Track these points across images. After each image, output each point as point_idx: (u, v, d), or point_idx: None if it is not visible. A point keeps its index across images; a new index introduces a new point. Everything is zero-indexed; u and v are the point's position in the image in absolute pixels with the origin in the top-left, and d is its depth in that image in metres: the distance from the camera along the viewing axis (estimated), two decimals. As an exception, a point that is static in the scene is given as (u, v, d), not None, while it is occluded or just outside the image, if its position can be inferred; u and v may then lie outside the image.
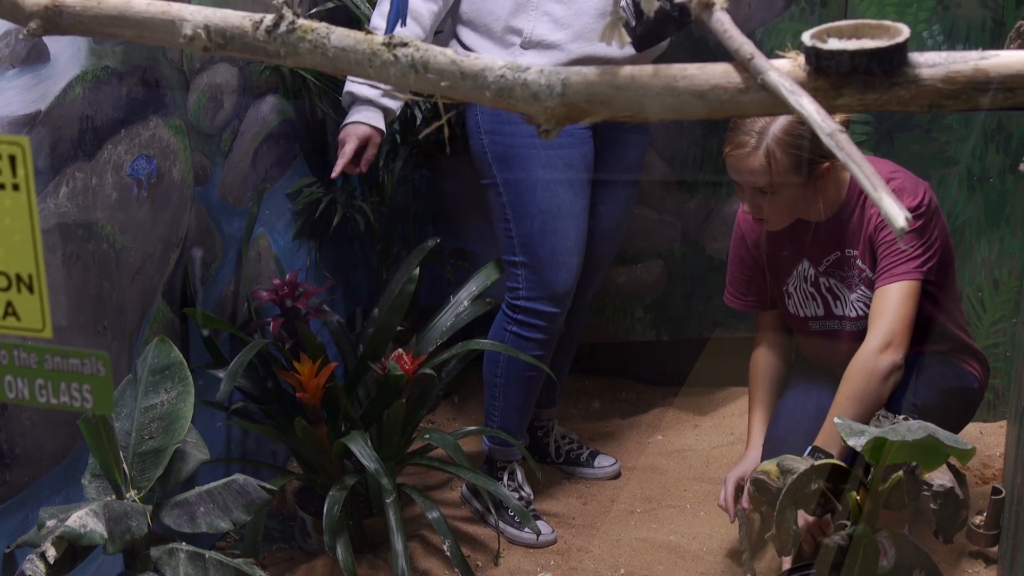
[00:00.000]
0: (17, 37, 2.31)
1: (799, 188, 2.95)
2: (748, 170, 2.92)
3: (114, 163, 2.70)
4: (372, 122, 3.23)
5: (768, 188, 2.93)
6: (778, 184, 2.92)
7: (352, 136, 3.22)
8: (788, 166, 2.88)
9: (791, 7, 3.83)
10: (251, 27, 1.69)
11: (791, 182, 2.92)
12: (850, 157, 1.35)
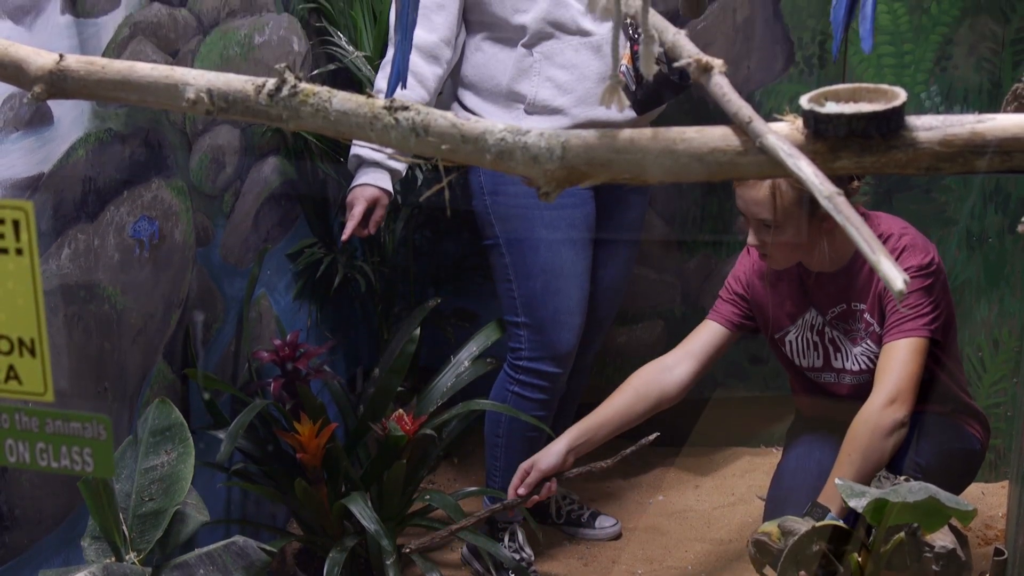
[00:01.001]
0: (22, 100, 2.32)
1: (804, 226, 2.94)
2: (753, 201, 2.92)
3: (116, 224, 2.72)
4: (380, 184, 3.24)
5: (772, 222, 2.92)
6: (782, 219, 2.91)
7: (361, 198, 3.23)
8: (793, 201, 2.88)
9: (789, 69, 3.86)
10: (253, 91, 1.71)
11: (796, 218, 2.92)
12: (848, 220, 1.36)
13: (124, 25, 2.68)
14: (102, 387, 2.72)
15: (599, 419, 3.14)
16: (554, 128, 3.10)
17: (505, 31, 3.26)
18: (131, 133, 2.76)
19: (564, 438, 3.09)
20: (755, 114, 1.54)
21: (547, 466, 3.04)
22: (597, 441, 3.13)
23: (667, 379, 3.18)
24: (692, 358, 3.21)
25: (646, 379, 3.19)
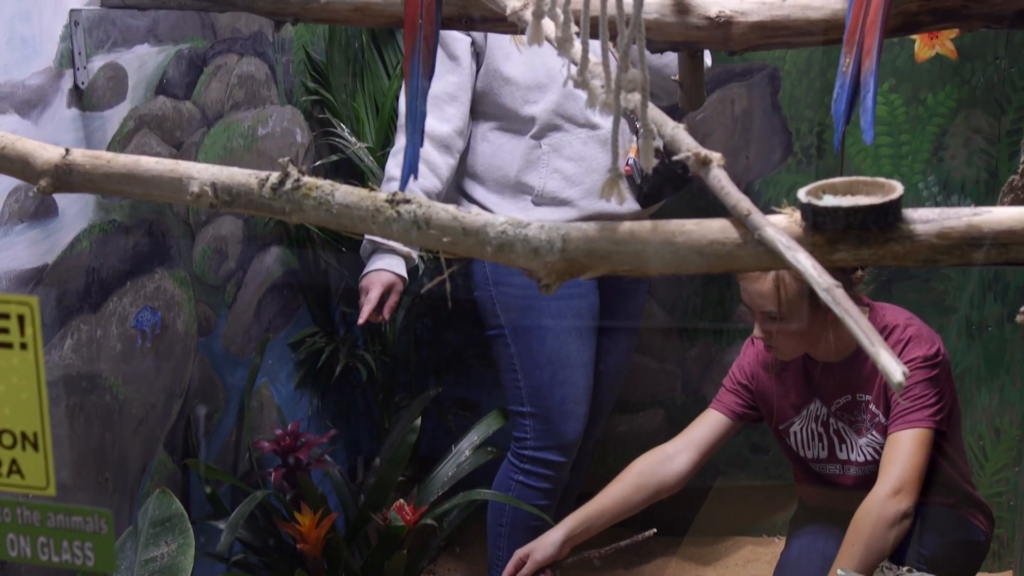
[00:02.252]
0: (27, 193, 2.34)
1: (809, 318, 2.95)
2: (758, 294, 2.93)
3: (119, 315, 2.73)
4: (394, 269, 3.25)
5: (777, 314, 2.93)
6: (787, 311, 2.92)
7: (376, 284, 3.23)
8: (797, 292, 2.89)
9: (788, 159, 3.89)
10: (257, 185, 1.72)
11: (800, 310, 2.92)
12: (846, 312, 1.37)
13: (129, 118, 2.72)
14: (103, 477, 2.71)
15: (598, 508, 3.12)
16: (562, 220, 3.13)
17: (514, 122, 3.28)
18: (135, 224, 2.78)
19: (561, 527, 3.08)
20: (753, 207, 1.55)
21: (543, 556, 3.02)
22: (595, 530, 3.12)
23: (667, 469, 3.17)
24: (693, 448, 3.20)
25: (646, 468, 3.18)
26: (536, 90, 3.24)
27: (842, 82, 1.73)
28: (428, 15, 1.89)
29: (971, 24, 1.96)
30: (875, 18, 1.73)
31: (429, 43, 1.91)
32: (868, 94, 1.70)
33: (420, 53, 1.90)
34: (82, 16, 2.49)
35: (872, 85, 1.70)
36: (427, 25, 1.89)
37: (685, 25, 2.06)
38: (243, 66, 3.27)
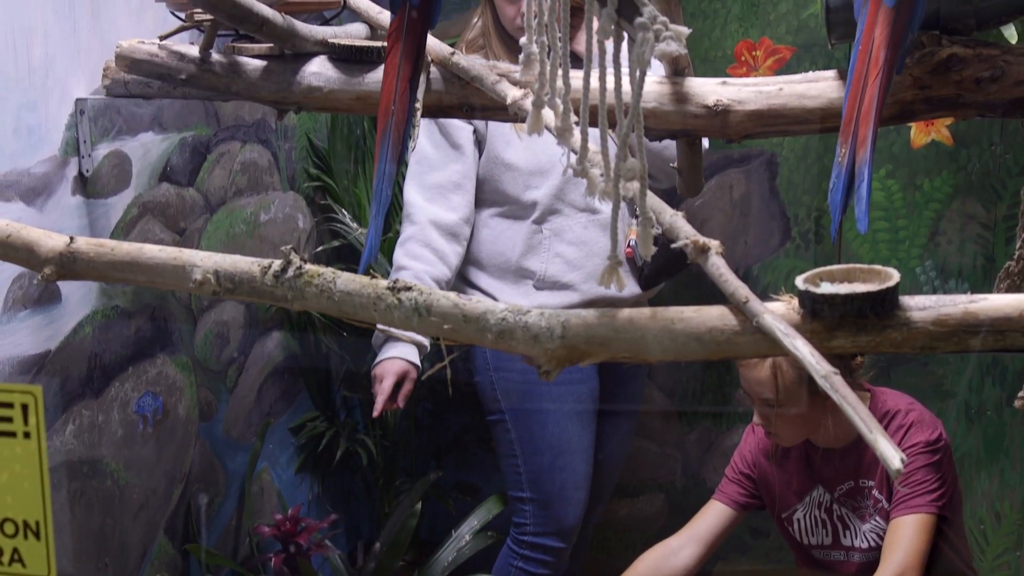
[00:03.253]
0: (31, 280, 2.36)
1: (807, 404, 2.95)
2: (756, 381, 2.93)
3: (121, 400, 2.73)
4: (408, 357, 3.25)
5: (775, 401, 2.93)
6: (785, 398, 2.92)
7: (389, 373, 3.23)
8: (795, 380, 2.89)
9: (786, 244, 3.91)
10: (259, 272, 1.74)
11: (799, 397, 2.92)
12: (844, 400, 1.38)
13: (133, 205, 2.74)
14: (103, 563, 2.70)
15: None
16: (564, 304, 3.13)
17: (515, 207, 3.30)
18: (137, 310, 2.80)
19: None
20: (751, 294, 1.57)
21: None
22: None
23: (672, 564, 3.16)
24: (697, 541, 3.19)
25: (651, 564, 3.16)
26: (537, 175, 3.26)
27: (838, 172, 1.75)
28: (400, 102, 1.92)
29: (965, 113, 1.99)
30: (869, 108, 1.76)
31: (400, 129, 1.93)
32: (863, 183, 1.72)
33: (390, 138, 1.93)
34: (88, 105, 2.53)
35: (867, 175, 1.72)
36: (399, 112, 1.92)
37: (683, 114, 2.09)
38: (246, 153, 3.30)
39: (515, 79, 2.12)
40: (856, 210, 1.73)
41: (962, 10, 1.91)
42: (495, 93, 2.10)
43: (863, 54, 1.79)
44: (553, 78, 1.55)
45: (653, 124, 2.08)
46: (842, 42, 2.07)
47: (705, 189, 3.83)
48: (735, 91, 2.06)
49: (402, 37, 1.90)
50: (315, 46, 2.26)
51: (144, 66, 2.27)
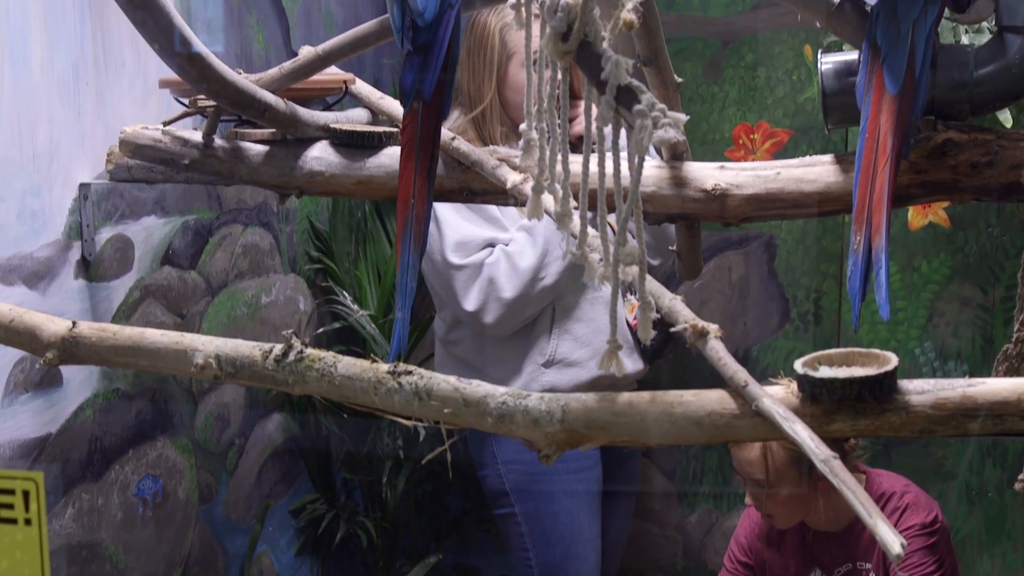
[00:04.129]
0: (32, 363, 2.37)
1: (799, 486, 2.95)
2: (746, 461, 2.94)
3: (121, 483, 2.73)
4: None
5: (765, 482, 2.93)
6: (776, 479, 2.92)
7: None
8: (785, 461, 2.89)
9: (785, 326, 3.92)
10: (260, 356, 1.75)
11: (790, 478, 2.93)
12: (844, 484, 1.38)
13: (135, 288, 2.75)
14: (99, 649, 2.69)
15: None
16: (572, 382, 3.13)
17: None
18: (138, 392, 2.80)
19: None
20: (750, 378, 1.58)
21: None
22: None
23: None
24: None
25: None
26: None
27: (855, 260, 1.77)
28: (420, 195, 1.94)
29: (962, 197, 2.01)
30: (881, 195, 1.78)
31: (420, 223, 1.95)
32: (881, 270, 1.74)
33: (412, 231, 1.95)
34: (91, 190, 2.55)
35: (884, 261, 1.74)
36: (419, 205, 1.94)
37: (681, 198, 2.10)
38: (248, 236, 3.33)
39: (515, 164, 2.14)
40: (877, 297, 1.74)
41: (957, 96, 1.94)
42: (495, 177, 2.12)
43: (870, 141, 1.81)
44: (552, 163, 1.57)
45: (652, 208, 2.10)
46: (838, 127, 2.09)
47: (704, 271, 3.85)
48: (733, 175, 2.08)
49: (417, 129, 1.93)
50: (317, 131, 2.28)
51: (148, 151, 2.29)
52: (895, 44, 1.81)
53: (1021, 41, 1.88)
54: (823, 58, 2.02)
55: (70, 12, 2.48)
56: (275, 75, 2.22)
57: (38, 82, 2.39)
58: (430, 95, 1.91)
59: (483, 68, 3.21)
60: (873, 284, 1.75)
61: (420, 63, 1.91)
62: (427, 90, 1.91)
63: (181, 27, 1.90)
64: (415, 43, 1.91)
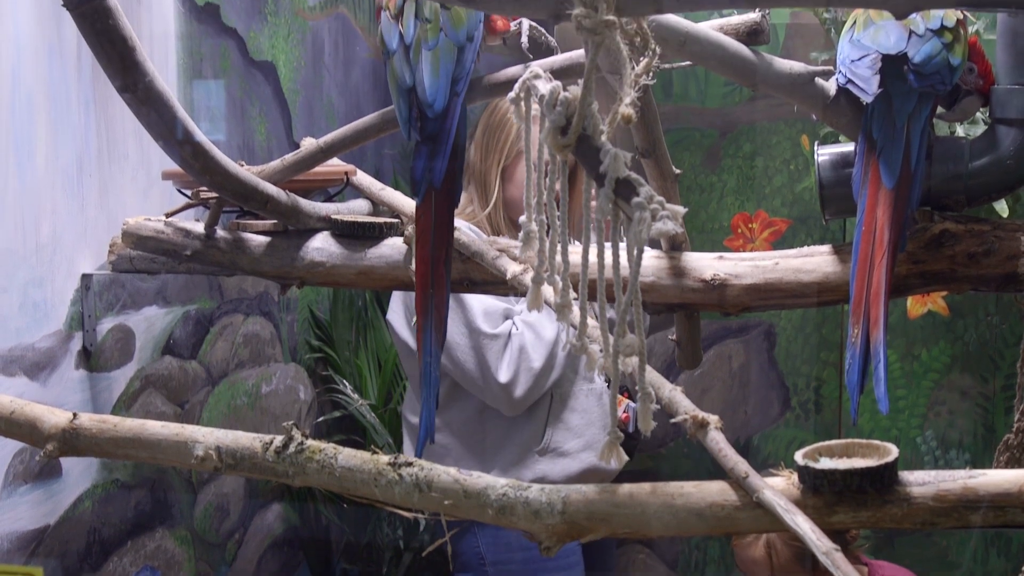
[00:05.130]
0: (32, 455, 2.36)
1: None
2: (751, 560, 2.91)
3: (119, 575, 2.71)
4: None
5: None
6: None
7: None
8: (790, 558, 2.87)
9: (786, 414, 3.92)
10: (261, 448, 1.75)
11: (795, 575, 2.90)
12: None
13: (136, 378, 2.76)
14: None
15: None
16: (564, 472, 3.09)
17: None
18: (137, 483, 2.79)
19: None
20: (751, 469, 1.58)
21: None
22: None
23: None
24: None
25: None
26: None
27: (852, 352, 1.78)
28: (439, 284, 1.96)
29: (959, 287, 2.02)
30: (879, 289, 1.79)
31: (441, 312, 1.97)
32: (879, 364, 1.75)
33: (433, 321, 1.97)
34: (93, 280, 2.56)
35: (882, 355, 1.75)
36: (438, 294, 1.97)
37: (681, 288, 2.11)
38: (248, 325, 3.33)
39: (515, 255, 2.15)
40: (876, 391, 1.75)
41: (953, 187, 1.96)
42: (495, 268, 2.14)
43: (867, 235, 1.83)
44: (552, 255, 1.58)
45: (651, 298, 2.11)
46: (836, 218, 2.11)
47: (704, 359, 3.85)
48: (732, 265, 2.09)
49: (431, 218, 1.95)
50: (318, 222, 2.30)
51: (150, 242, 2.31)
52: (890, 138, 1.83)
53: (1015, 133, 1.90)
54: (820, 150, 2.04)
55: (75, 106, 2.51)
56: (277, 167, 2.25)
57: (42, 174, 2.42)
58: (441, 183, 1.94)
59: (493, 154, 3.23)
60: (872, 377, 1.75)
61: (430, 152, 1.94)
62: (438, 178, 1.94)
63: (185, 121, 1.92)
64: (423, 133, 1.94)
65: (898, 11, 1.55)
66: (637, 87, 1.47)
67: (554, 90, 1.45)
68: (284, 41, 3.52)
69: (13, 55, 2.33)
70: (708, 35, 1.93)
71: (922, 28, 1.87)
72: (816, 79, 1.97)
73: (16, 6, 2.31)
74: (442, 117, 1.94)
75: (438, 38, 1.94)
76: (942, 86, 1.87)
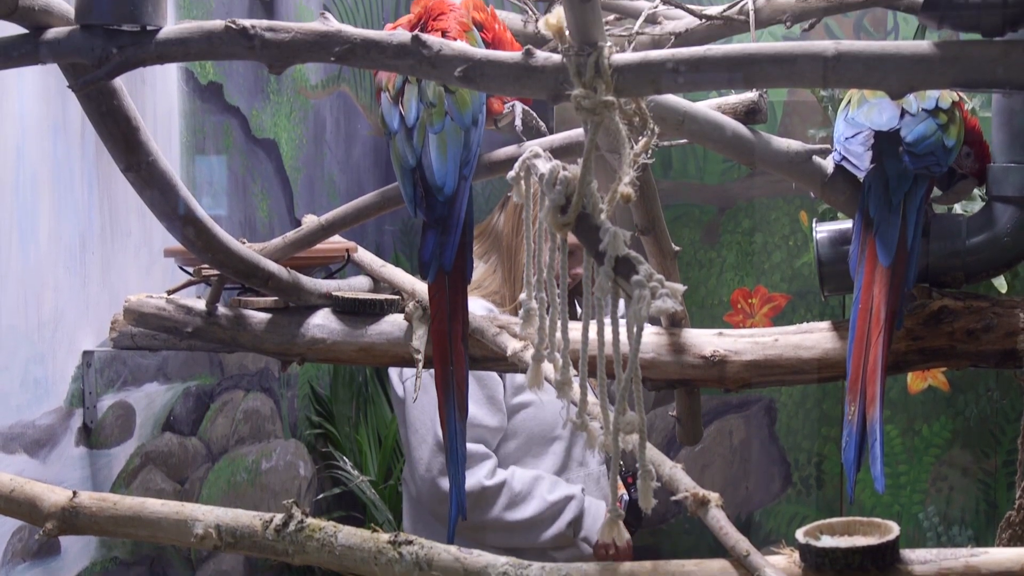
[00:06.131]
0: (31, 532, 2.35)
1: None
2: None
3: (116, 653, 2.69)
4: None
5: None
6: None
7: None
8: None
9: (787, 489, 3.91)
10: (260, 526, 1.75)
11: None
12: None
13: (136, 455, 2.75)
14: None
15: None
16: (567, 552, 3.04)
17: (538, 450, 3.26)
18: (136, 561, 2.78)
19: None
20: (752, 547, 1.57)
21: None
22: None
23: None
24: None
25: None
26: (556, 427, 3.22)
27: (849, 430, 1.78)
28: (458, 361, 1.98)
29: (959, 363, 2.02)
30: (875, 367, 1.80)
31: (462, 388, 1.99)
32: (875, 442, 1.75)
33: (455, 398, 1.98)
34: (94, 357, 2.56)
35: (878, 433, 1.75)
36: (459, 371, 1.98)
37: (681, 364, 2.11)
38: (249, 401, 3.33)
39: (515, 331, 2.16)
40: (872, 470, 1.75)
41: (951, 264, 1.97)
42: (496, 345, 2.14)
43: (863, 312, 1.84)
44: (552, 333, 1.58)
45: (651, 374, 2.11)
46: (835, 295, 2.12)
47: (704, 435, 3.84)
48: (731, 342, 2.09)
49: (445, 298, 1.96)
50: (319, 299, 2.30)
51: (152, 320, 2.31)
52: (887, 216, 1.85)
53: (1011, 211, 1.91)
54: (818, 227, 2.05)
55: (78, 183, 2.53)
56: (279, 244, 2.26)
57: (45, 252, 2.43)
58: (451, 266, 1.95)
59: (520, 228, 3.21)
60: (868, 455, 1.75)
61: (439, 236, 1.95)
62: (448, 262, 1.95)
63: (188, 200, 1.94)
64: (431, 215, 1.95)
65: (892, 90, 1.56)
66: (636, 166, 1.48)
67: (554, 169, 1.46)
68: (286, 119, 3.56)
69: (18, 133, 2.35)
70: (706, 114, 1.95)
71: (915, 107, 1.89)
72: (814, 157, 1.98)
73: (22, 85, 2.34)
74: (451, 201, 1.95)
75: (444, 122, 1.96)
76: (937, 168, 1.89)
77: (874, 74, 1.51)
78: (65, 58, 1.69)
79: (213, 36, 1.59)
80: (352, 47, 1.57)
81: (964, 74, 1.50)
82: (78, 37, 1.63)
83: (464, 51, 1.56)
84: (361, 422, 3.90)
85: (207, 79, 3.09)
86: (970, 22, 1.54)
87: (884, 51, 1.50)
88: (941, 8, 1.55)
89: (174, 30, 1.63)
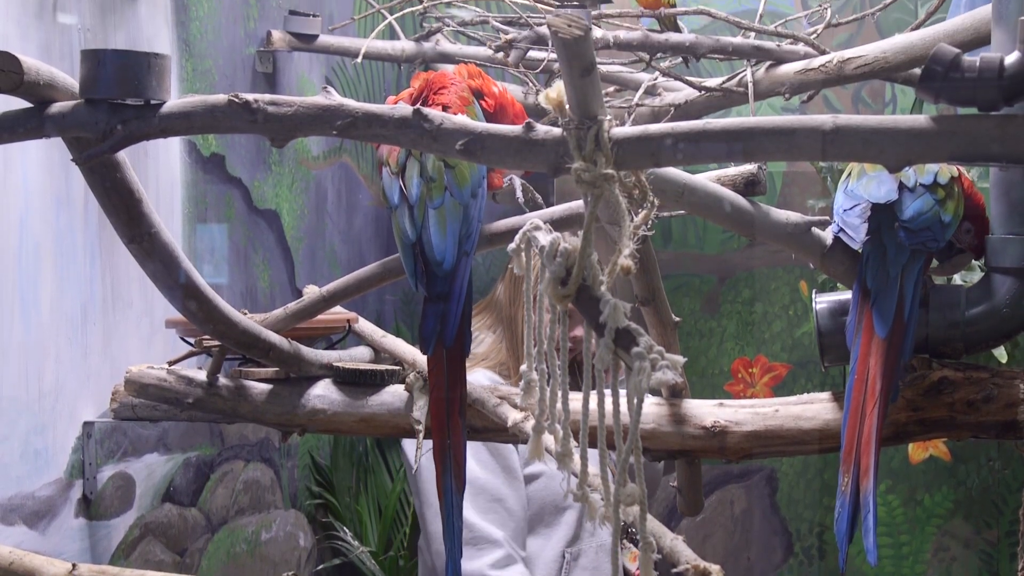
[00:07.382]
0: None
1: None
2: None
3: None
4: None
5: None
6: None
7: None
8: None
9: (789, 560, 3.88)
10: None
11: None
12: None
13: (135, 526, 2.74)
14: None
15: None
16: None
17: (546, 528, 3.24)
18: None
19: None
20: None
21: None
22: None
23: None
24: None
25: None
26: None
27: (842, 501, 1.78)
28: (455, 435, 1.97)
29: (959, 434, 2.02)
30: (869, 438, 1.80)
31: (459, 460, 1.98)
32: (868, 514, 1.75)
33: (452, 471, 1.97)
34: (95, 428, 2.56)
35: (872, 505, 1.75)
36: (456, 445, 1.98)
37: (681, 435, 2.11)
38: (249, 472, 3.32)
39: (515, 402, 2.16)
40: (864, 542, 1.75)
41: (950, 334, 1.97)
42: (496, 416, 2.14)
43: (859, 383, 1.84)
44: (552, 403, 1.58)
45: (652, 445, 2.11)
46: (835, 365, 2.12)
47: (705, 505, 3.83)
48: (732, 412, 2.10)
49: (444, 372, 1.96)
50: (320, 369, 2.30)
51: (152, 391, 2.31)
52: (884, 288, 1.86)
53: (1010, 282, 1.92)
54: (818, 298, 2.06)
55: (80, 254, 2.54)
56: (280, 315, 2.26)
57: (47, 322, 2.44)
58: (452, 341, 1.95)
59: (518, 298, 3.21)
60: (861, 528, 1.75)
61: (439, 311, 1.95)
62: (450, 337, 1.95)
63: (189, 272, 1.94)
64: (432, 291, 1.95)
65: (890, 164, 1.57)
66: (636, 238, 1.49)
67: (554, 241, 1.47)
68: (288, 190, 3.57)
69: (21, 205, 2.36)
70: (706, 187, 1.96)
71: (913, 181, 1.90)
72: (813, 228, 1.99)
73: (26, 157, 2.35)
74: (451, 276, 1.95)
75: (443, 197, 1.96)
76: (934, 243, 1.90)
77: (872, 148, 1.52)
78: (69, 132, 1.70)
79: (216, 110, 1.60)
80: (354, 121, 1.58)
81: (961, 148, 1.51)
82: (82, 111, 1.64)
83: (465, 124, 1.58)
84: (361, 492, 3.89)
85: (209, 151, 3.11)
86: (967, 97, 1.55)
87: (882, 125, 1.52)
88: (938, 83, 1.56)
89: (178, 104, 1.64)
